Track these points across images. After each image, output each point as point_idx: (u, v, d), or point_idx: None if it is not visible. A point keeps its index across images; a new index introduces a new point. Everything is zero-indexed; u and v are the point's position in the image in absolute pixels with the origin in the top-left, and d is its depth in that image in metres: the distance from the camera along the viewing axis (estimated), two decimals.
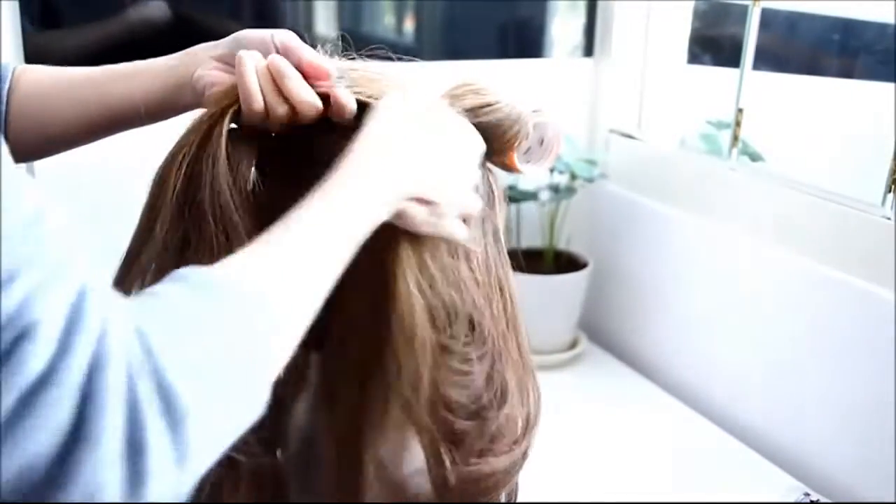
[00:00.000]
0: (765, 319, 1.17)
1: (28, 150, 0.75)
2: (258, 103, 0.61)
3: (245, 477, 0.67)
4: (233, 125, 0.64)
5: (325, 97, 0.63)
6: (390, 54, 0.69)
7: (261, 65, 0.62)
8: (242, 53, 0.63)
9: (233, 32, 0.70)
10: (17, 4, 1.13)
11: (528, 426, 0.70)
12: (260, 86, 0.62)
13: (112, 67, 0.73)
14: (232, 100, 0.63)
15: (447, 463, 0.66)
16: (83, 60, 0.78)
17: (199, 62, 0.69)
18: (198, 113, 0.65)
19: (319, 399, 0.74)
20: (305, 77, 0.63)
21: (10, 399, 0.38)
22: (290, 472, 0.73)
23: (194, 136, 0.62)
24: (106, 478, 0.39)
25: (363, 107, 0.63)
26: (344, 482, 0.67)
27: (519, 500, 0.75)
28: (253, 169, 0.64)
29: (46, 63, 0.77)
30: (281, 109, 0.62)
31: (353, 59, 0.67)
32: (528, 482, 0.74)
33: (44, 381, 0.38)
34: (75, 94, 0.73)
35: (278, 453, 0.74)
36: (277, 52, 0.64)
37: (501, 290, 0.68)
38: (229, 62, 0.66)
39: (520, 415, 0.69)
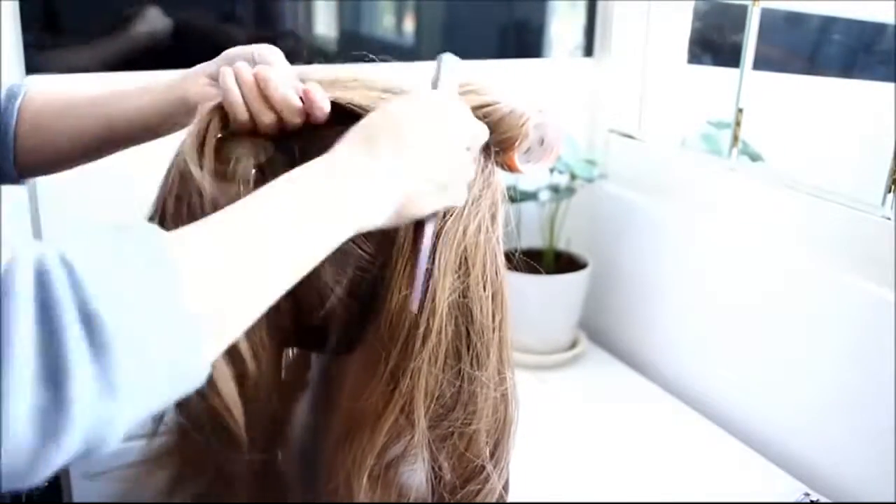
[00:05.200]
0: (764, 319, 1.17)
1: (36, 166, 0.82)
2: (243, 114, 0.64)
3: (245, 477, 0.67)
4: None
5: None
6: (376, 58, 0.71)
7: (246, 76, 0.64)
8: (224, 69, 0.65)
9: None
10: (16, 4, 1.13)
11: (504, 435, 0.70)
12: (244, 96, 0.64)
13: (114, 89, 0.79)
14: (220, 112, 0.65)
15: (445, 466, 0.66)
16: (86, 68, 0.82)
17: (193, 80, 0.74)
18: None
19: (319, 399, 0.74)
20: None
21: None
22: (290, 473, 0.73)
23: (186, 147, 0.63)
24: (15, 406, 0.38)
25: (352, 115, 0.63)
26: (343, 483, 0.67)
27: (519, 501, 0.75)
28: (252, 170, 0.64)
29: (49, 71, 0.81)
30: (267, 117, 0.64)
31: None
32: (528, 482, 0.74)
33: None
34: (79, 114, 0.78)
35: (278, 453, 0.74)
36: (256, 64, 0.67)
37: (494, 295, 0.68)
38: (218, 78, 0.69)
39: (493, 422, 0.68)
